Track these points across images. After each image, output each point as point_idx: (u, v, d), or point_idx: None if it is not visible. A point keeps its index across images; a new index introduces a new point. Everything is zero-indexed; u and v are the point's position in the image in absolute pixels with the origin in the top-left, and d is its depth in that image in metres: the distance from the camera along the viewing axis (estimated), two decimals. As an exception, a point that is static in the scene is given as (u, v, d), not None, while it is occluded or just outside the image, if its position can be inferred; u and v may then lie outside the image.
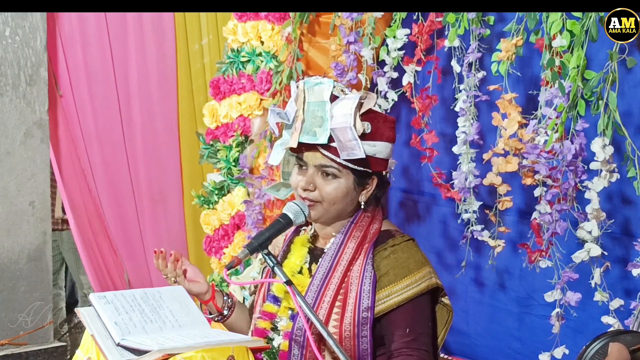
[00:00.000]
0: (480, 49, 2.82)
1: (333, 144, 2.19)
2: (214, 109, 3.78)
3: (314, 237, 2.36)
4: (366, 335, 2.19)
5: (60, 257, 5.46)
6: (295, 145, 2.22)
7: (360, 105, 2.18)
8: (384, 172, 2.30)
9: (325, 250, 2.29)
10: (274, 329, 2.29)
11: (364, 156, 2.17)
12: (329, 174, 2.22)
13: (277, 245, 2.40)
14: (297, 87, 2.25)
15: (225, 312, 2.41)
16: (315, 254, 2.32)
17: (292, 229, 2.37)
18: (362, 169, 2.22)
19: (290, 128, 2.26)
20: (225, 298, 2.41)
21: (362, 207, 2.28)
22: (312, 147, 2.21)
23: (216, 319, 2.42)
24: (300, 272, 2.30)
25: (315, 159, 2.22)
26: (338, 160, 2.20)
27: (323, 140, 2.18)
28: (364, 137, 2.18)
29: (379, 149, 2.21)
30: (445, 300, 2.30)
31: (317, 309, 2.20)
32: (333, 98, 2.20)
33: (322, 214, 2.25)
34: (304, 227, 2.39)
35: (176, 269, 2.35)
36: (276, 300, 2.30)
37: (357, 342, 2.19)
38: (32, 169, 3.71)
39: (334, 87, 2.21)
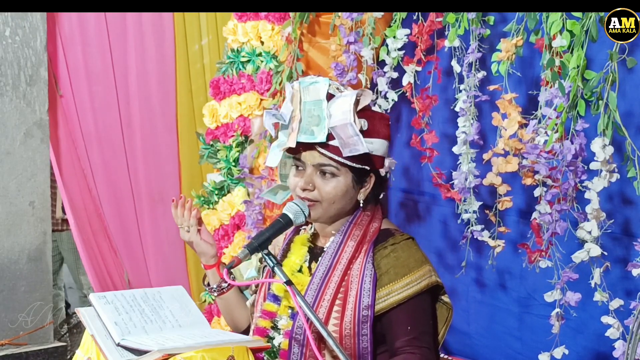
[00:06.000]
0: (481, 49, 2.82)
1: (331, 142, 2.19)
2: (214, 109, 3.78)
3: (314, 236, 2.36)
4: (366, 333, 2.19)
5: (60, 257, 5.46)
6: (293, 145, 2.22)
7: (357, 102, 2.19)
8: (381, 170, 2.30)
9: (325, 249, 2.29)
10: (275, 327, 2.29)
11: (367, 151, 2.18)
12: (328, 173, 2.22)
13: (277, 244, 2.41)
14: (293, 87, 2.25)
15: (224, 285, 2.42)
16: (315, 253, 2.33)
17: (292, 228, 2.38)
18: (360, 166, 2.22)
19: (286, 129, 2.26)
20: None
21: (362, 205, 2.28)
22: (310, 147, 2.22)
23: (215, 288, 2.43)
24: (300, 270, 2.31)
25: (313, 159, 2.23)
26: (336, 158, 2.20)
27: (322, 138, 2.19)
28: (361, 134, 2.18)
29: (376, 146, 2.23)
30: (445, 298, 2.31)
31: (317, 308, 2.20)
32: (329, 97, 2.20)
33: (322, 213, 2.26)
34: (303, 227, 2.39)
35: (190, 217, 2.37)
36: (276, 299, 2.30)
37: (357, 340, 2.19)
38: (32, 169, 3.70)
39: (330, 85, 2.21)
